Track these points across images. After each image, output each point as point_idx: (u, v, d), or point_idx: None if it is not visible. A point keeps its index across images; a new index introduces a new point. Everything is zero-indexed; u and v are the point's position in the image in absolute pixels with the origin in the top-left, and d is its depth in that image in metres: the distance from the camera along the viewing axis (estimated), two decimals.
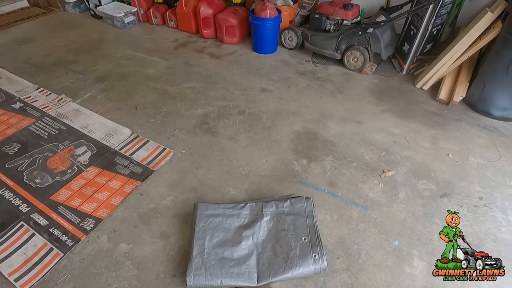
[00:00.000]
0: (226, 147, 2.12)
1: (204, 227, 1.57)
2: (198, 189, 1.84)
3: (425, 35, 2.59)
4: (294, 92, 2.65)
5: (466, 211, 1.73)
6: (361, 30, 2.71)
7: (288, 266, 1.42)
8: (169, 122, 2.33)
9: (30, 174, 1.92)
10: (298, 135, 2.21)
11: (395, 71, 2.91)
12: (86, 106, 2.46)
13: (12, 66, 2.95)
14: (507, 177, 1.92)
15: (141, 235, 1.62)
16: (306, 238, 1.52)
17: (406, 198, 1.80)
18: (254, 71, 2.93)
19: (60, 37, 3.47)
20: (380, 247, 1.57)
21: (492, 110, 2.32)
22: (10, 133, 2.20)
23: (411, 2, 2.69)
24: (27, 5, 4.26)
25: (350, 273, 1.47)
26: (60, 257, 1.51)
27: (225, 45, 3.35)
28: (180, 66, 2.99)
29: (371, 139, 2.18)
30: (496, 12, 2.21)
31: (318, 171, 1.95)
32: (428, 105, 2.49)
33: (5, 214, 1.70)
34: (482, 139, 2.18)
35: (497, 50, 2.20)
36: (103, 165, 1.98)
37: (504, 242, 1.59)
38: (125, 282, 1.43)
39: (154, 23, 3.74)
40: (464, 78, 2.50)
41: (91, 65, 2.99)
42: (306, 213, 1.63)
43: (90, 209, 1.72)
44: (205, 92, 2.63)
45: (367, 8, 3.03)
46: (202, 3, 3.23)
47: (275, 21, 2.98)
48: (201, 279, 1.38)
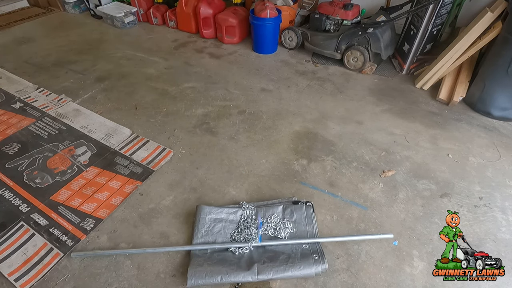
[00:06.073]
0: (226, 147, 2.12)
1: (207, 232, 1.59)
2: (198, 189, 1.84)
3: (425, 35, 2.59)
4: (294, 92, 2.65)
5: (466, 211, 1.73)
6: (361, 30, 2.71)
7: (289, 265, 1.43)
8: (169, 122, 2.33)
9: (30, 174, 1.92)
10: (298, 135, 2.21)
11: (395, 71, 2.91)
12: (86, 106, 2.46)
13: (12, 66, 2.95)
14: (507, 177, 1.92)
15: (141, 235, 1.62)
16: (307, 246, 1.53)
17: (406, 198, 1.80)
18: (254, 71, 2.93)
19: (60, 37, 3.47)
20: (380, 247, 1.57)
21: (492, 110, 2.33)
22: (10, 133, 2.20)
23: (411, 2, 2.69)
24: (27, 5, 4.26)
25: (350, 273, 1.47)
26: (60, 257, 1.51)
27: (225, 45, 3.35)
28: (180, 66, 2.99)
29: (371, 139, 2.18)
30: (496, 12, 2.21)
31: (318, 171, 1.95)
32: (428, 105, 2.49)
33: (5, 214, 1.69)
34: (482, 139, 2.18)
35: (497, 50, 2.20)
36: (103, 165, 1.98)
37: (504, 242, 1.59)
38: (125, 282, 1.43)
39: (154, 23, 3.74)
40: (464, 78, 2.50)
41: (91, 65, 2.99)
42: (306, 220, 1.63)
43: (90, 209, 1.72)
44: (205, 92, 2.63)
45: (367, 8, 3.03)
46: (202, 3, 3.23)
47: (275, 21, 2.98)
48: (202, 275, 1.38)
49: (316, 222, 1.65)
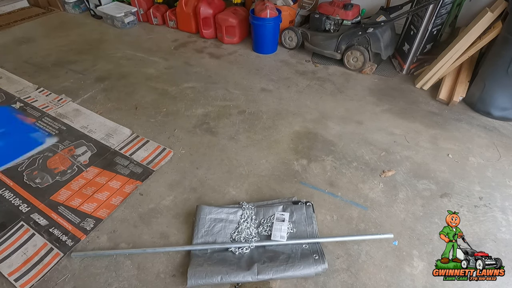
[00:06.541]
0: (226, 147, 2.12)
1: (207, 232, 1.59)
2: (198, 189, 1.84)
3: (425, 35, 2.59)
4: (294, 92, 2.65)
5: (466, 211, 1.73)
6: (361, 30, 2.71)
7: (289, 265, 1.43)
8: (169, 122, 2.33)
9: (30, 174, 1.92)
10: (298, 135, 2.21)
11: (395, 71, 2.91)
12: (86, 106, 2.46)
13: (12, 66, 2.95)
14: (507, 177, 1.92)
15: (141, 235, 1.62)
16: (307, 246, 1.53)
17: (406, 198, 1.80)
18: (254, 71, 2.93)
19: (60, 37, 3.47)
20: (380, 247, 1.57)
21: (492, 110, 2.33)
22: None
23: (411, 2, 2.69)
24: (27, 5, 4.26)
25: (350, 273, 1.47)
26: (60, 257, 1.51)
27: (225, 45, 3.35)
28: (180, 66, 2.99)
29: (371, 139, 2.18)
30: (496, 12, 2.21)
31: (318, 171, 1.95)
32: (428, 105, 2.49)
33: (5, 214, 1.69)
34: (482, 139, 2.18)
35: (497, 50, 2.20)
36: (103, 165, 1.98)
37: (504, 242, 1.59)
38: (125, 282, 1.43)
39: (154, 23, 3.74)
40: (464, 78, 2.50)
41: (91, 65, 2.99)
42: (306, 220, 1.63)
43: (90, 209, 1.72)
44: (205, 92, 2.63)
45: (367, 8, 3.03)
46: (202, 3, 3.23)
47: (275, 21, 2.98)
48: (202, 275, 1.38)
49: (316, 222, 1.65)
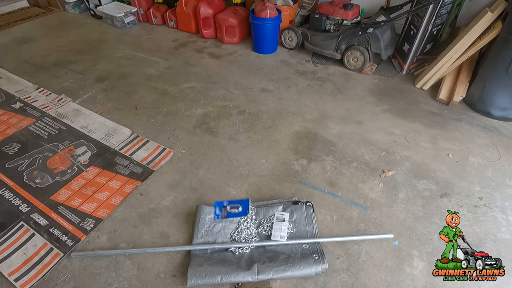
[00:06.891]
0: (226, 147, 2.12)
1: (207, 232, 1.59)
2: (198, 189, 1.84)
3: (425, 35, 2.59)
4: (294, 92, 2.65)
5: (466, 211, 1.73)
6: (361, 30, 2.71)
7: (289, 265, 1.43)
8: (169, 122, 2.33)
9: (30, 174, 1.92)
10: (298, 135, 2.21)
11: (395, 71, 2.91)
12: (86, 106, 2.46)
13: (12, 66, 2.95)
14: (507, 177, 1.92)
15: (141, 235, 1.62)
16: (307, 246, 1.53)
17: (406, 198, 1.80)
18: (254, 71, 2.93)
19: (60, 37, 3.47)
20: (380, 247, 1.57)
21: (492, 110, 2.33)
22: (10, 133, 2.20)
23: (411, 2, 2.69)
24: (27, 5, 4.26)
25: (350, 273, 1.47)
26: (60, 257, 1.51)
27: (225, 45, 3.35)
28: (180, 66, 2.99)
29: (371, 139, 2.18)
30: (496, 12, 2.21)
31: (318, 171, 1.95)
32: (428, 105, 2.49)
33: (5, 214, 1.69)
34: (482, 139, 2.18)
35: (497, 50, 2.20)
36: (103, 165, 1.98)
37: (504, 242, 1.59)
38: (125, 282, 1.43)
39: (154, 23, 3.74)
40: (464, 78, 2.50)
41: (91, 65, 2.99)
42: (306, 220, 1.63)
43: (90, 209, 1.72)
44: (205, 92, 2.63)
45: (367, 8, 3.02)
46: (202, 3, 3.23)
47: (275, 21, 2.98)
48: (202, 275, 1.38)
49: (316, 222, 1.65)
